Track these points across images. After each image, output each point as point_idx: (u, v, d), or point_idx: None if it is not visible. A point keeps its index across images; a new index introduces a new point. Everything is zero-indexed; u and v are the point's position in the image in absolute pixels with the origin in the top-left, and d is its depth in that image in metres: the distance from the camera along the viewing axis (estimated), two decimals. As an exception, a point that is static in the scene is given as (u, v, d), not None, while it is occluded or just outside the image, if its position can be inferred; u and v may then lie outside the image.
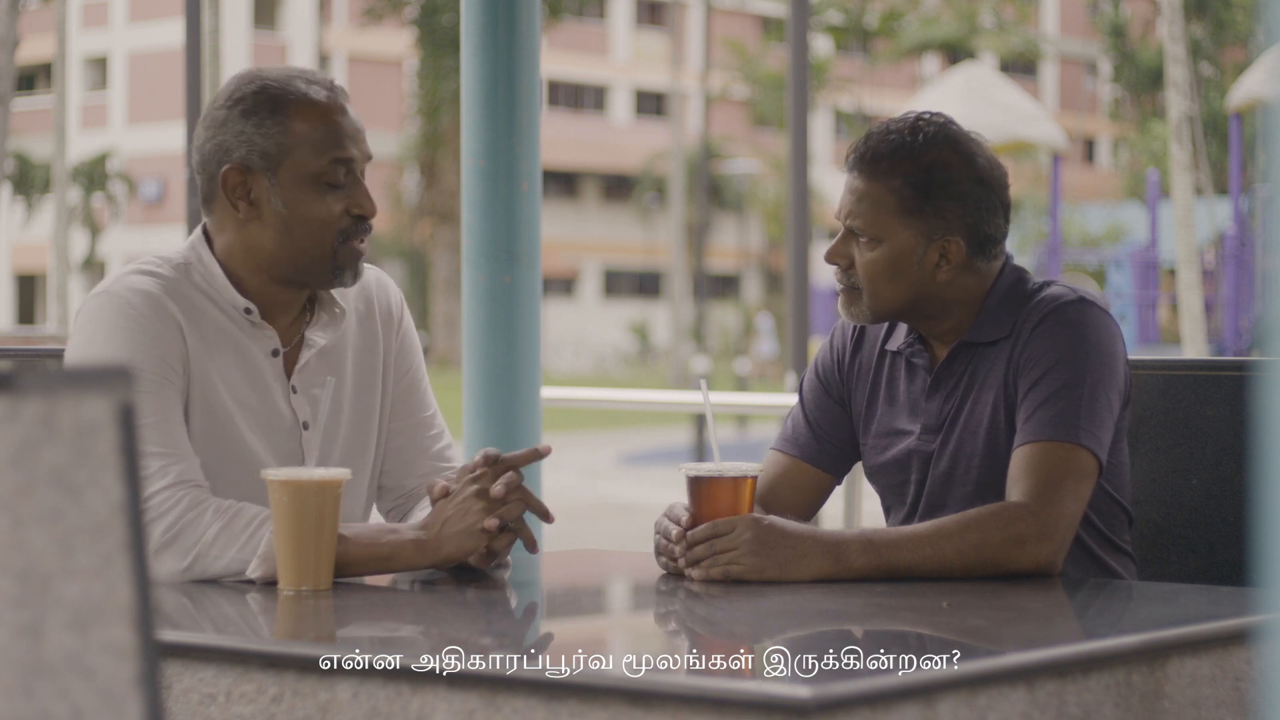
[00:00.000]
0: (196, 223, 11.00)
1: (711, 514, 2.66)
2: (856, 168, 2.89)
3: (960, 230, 2.87)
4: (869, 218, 2.86)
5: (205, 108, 2.80)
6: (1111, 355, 2.83)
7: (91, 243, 42.38)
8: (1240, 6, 35.80)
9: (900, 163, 2.86)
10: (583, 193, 56.18)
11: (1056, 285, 2.90)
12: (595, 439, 23.55)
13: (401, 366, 2.92)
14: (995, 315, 2.89)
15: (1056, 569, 2.72)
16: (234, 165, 2.72)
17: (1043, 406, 2.79)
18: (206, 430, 2.70)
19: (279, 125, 2.71)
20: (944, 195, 2.85)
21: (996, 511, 2.71)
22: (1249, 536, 3.06)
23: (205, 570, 2.58)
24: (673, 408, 10.29)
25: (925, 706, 1.87)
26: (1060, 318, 2.84)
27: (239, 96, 2.73)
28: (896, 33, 43.48)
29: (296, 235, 2.72)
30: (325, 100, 2.73)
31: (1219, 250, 18.01)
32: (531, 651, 2.21)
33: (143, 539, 1.40)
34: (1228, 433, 3.09)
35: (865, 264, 2.87)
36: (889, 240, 2.86)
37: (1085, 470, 2.76)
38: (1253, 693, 2.26)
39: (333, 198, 2.72)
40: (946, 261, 2.87)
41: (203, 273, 2.75)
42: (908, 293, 2.87)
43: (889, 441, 2.97)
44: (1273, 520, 1.31)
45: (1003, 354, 2.88)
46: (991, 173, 2.89)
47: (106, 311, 2.68)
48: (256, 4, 49.88)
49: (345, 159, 2.73)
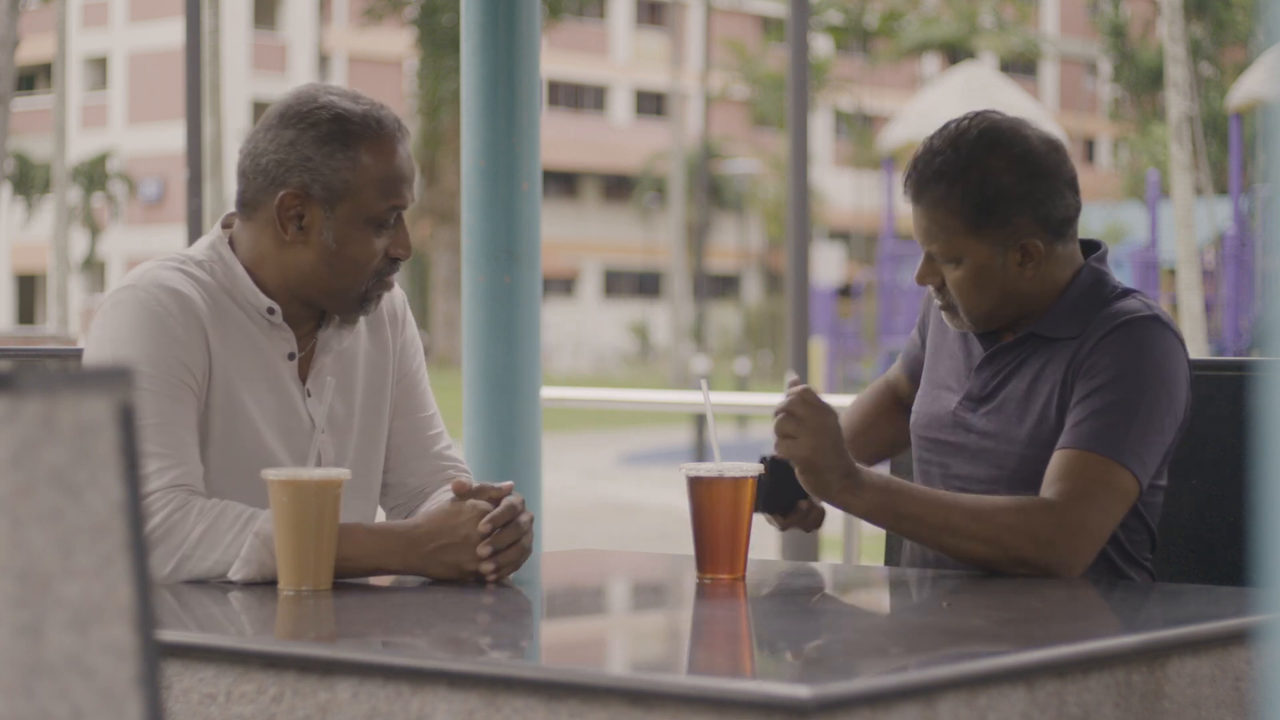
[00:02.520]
0: (196, 223, 10.93)
1: (711, 514, 2.66)
2: (914, 199, 2.90)
3: (1031, 229, 2.86)
4: (941, 242, 2.87)
5: (269, 113, 2.77)
6: (1174, 380, 2.81)
7: (91, 243, 42.39)
8: (1240, 6, 35.80)
9: (952, 185, 2.85)
10: (583, 193, 56.17)
11: (1135, 297, 2.88)
12: (595, 439, 23.55)
13: (403, 367, 2.93)
14: (1068, 313, 2.88)
15: (1070, 575, 2.71)
16: (294, 190, 2.71)
17: (1094, 416, 2.77)
18: (226, 431, 2.71)
19: (349, 162, 2.70)
20: (1003, 203, 2.84)
21: (1022, 501, 2.71)
22: (1249, 536, 3.06)
23: (190, 572, 2.57)
24: (673, 408, 10.29)
25: (925, 706, 1.87)
26: (1130, 332, 2.82)
27: (313, 121, 2.71)
28: (896, 33, 43.48)
29: (338, 269, 2.73)
30: (394, 145, 2.73)
31: (1219, 250, 18.00)
32: (531, 651, 2.21)
33: (143, 539, 1.40)
34: (1228, 433, 3.09)
35: (953, 283, 2.89)
36: (968, 257, 2.86)
37: (1122, 489, 2.75)
38: (1253, 693, 2.26)
39: (379, 238, 2.73)
40: (1030, 259, 2.87)
41: (225, 272, 2.76)
42: (1000, 297, 2.88)
43: (936, 394, 2.99)
44: (1273, 520, 1.31)
45: (1066, 353, 2.86)
46: (1046, 158, 2.87)
47: (133, 308, 2.67)
48: (256, 4, 49.89)
49: (402, 205, 2.74)
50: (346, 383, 2.84)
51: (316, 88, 2.77)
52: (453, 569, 2.59)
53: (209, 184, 12.78)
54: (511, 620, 2.48)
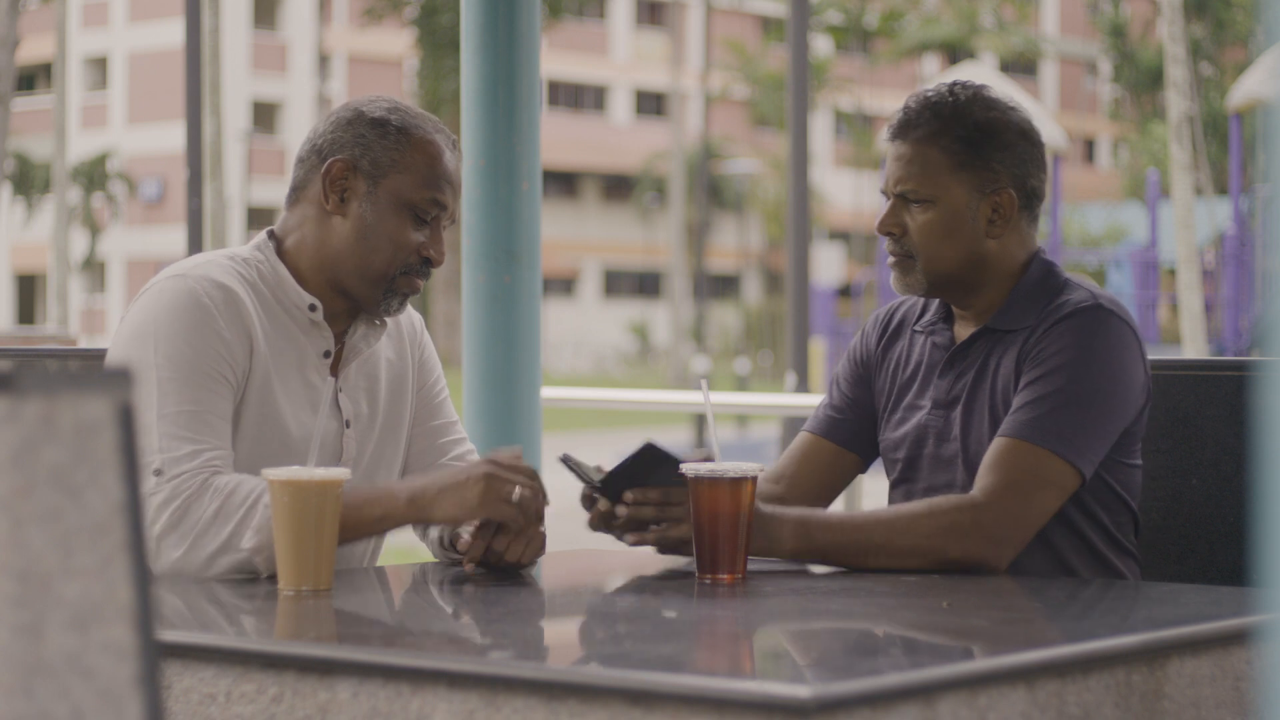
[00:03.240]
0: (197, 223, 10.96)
1: (711, 514, 2.65)
2: (901, 135, 2.92)
3: (1010, 182, 2.90)
4: (921, 179, 2.89)
5: (334, 109, 2.93)
6: (1120, 367, 2.83)
7: (91, 243, 42.40)
8: (1240, 6, 35.79)
9: (947, 121, 2.89)
10: (583, 193, 56.16)
11: (1083, 288, 2.90)
12: (595, 439, 23.55)
13: (422, 379, 3.04)
14: (1021, 304, 2.91)
15: (998, 568, 2.72)
16: (344, 160, 2.83)
17: (1030, 406, 2.80)
18: (260, 424, 2.78)
19: (400, 145, 2.84)
20: (993, 147, 2.89)
21: (937, 503, 2.74)
22: (1249, 536, 3.06)
23: (206, 548, 2.63)
24: (673, 408, 10.28)
25: (925, 706, 1.87)
26: (1073, 322, 2.84)
27: (374, 112, 2.86)
28: (896, 33, 43.47)
29: (370, 246, 2.83)
30: (443, 147, 2.86)
31: (1219, 250, 18.01)
32: (531, 651, 2.21)
33: (143, 539, 1.40)
34: (1228, 433, 3.09)
35: (920, 227, 2.89)
36: (943, 198, 2.89)
37: (1055, 480, 2.76)
38: (1253, 693, 2.26)
39: (414, 231, 2.84)
40: (1000, 216, 2.90)
41: (269, 271, 2.85)
42: (963, 253, 2.89)
43: (905, 415, 3.00)
44: (1273, 520, 1.32)
45: (1018, 345, 2.89)
46: (1033, 128, 2.94)
47: (181, 296, 2.74)
48: (256, 4, 49.89)
49: (441, 203, 2.85)
50: (371, 386, 2.94)
51: (386, 96, 2.93)
52: (456, 505, 2.66)
53: (209, 184, 12.77)
54: (511, 620, 2.48)
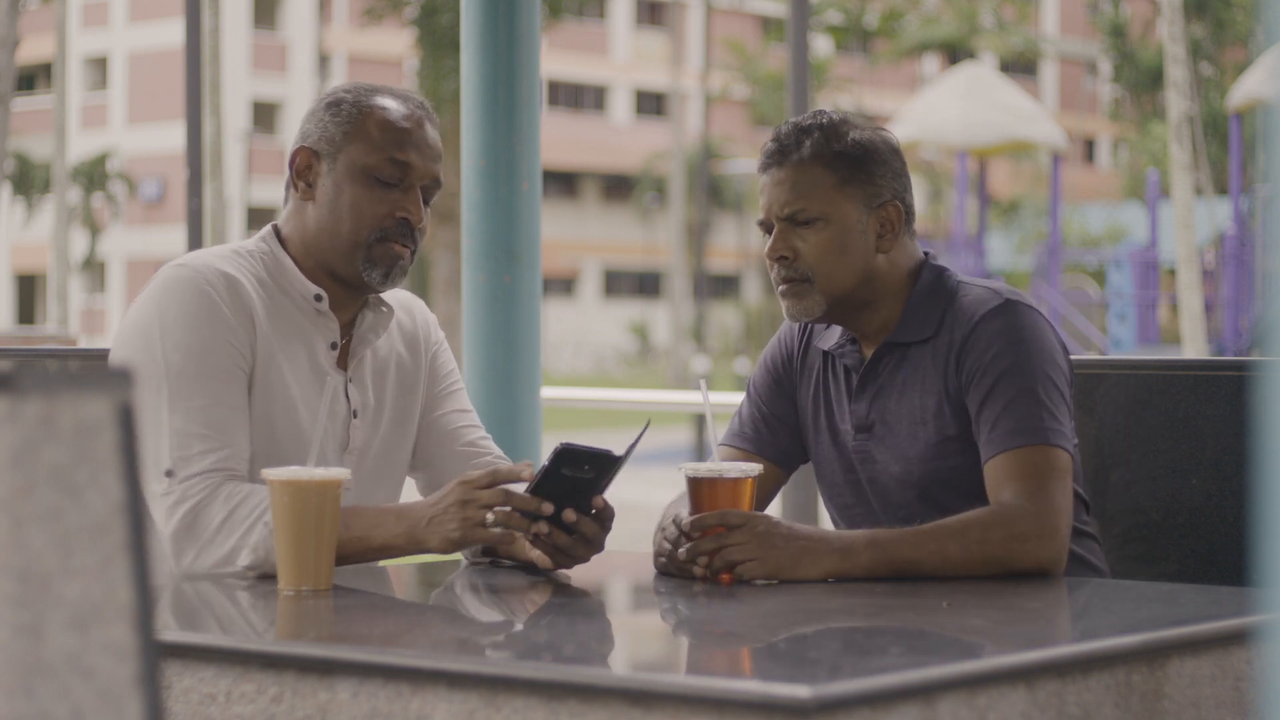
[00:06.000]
0: (197, 223, 10.98)
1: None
2: (780, 160, 2.93)
3: (893, 195, 2.93)
4: (810, 198, 2.90)
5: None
6: (1052, 350, 2.87)
7: (91, 243, 42.38)
8: (1240, 6, 35.79)
9: (825, 141, 2.92)
10: (583, 193, 56.16)
11: (978, 286, 2.93)
12: (595, 439, 23.55)
13: (434, 374, 3.03)
14: (919, 314, 2.93)
15: (1060, 567, 2.73)
16: (306, 147, 2.87)
17: (1004, 415, 2.81)
18: (267, 414, 2.79)
19: (353, 120, 2.85)
20: (873, 162, 2.93)
21: (995, 511, 2.73)
22: (1249, 536, 3.06)
23: (211, 556, 2.64)
24: (673, 408, 10.29)
25: (925, 706, 1.87)
26: (994, 325, 2.86)
27: (332, 96, 2.89)
28: (896, 33, 43.45)
29: (335, 218, 2.84)
30: (404, 110, 2.86)
31: (1219, 250, 18.01)
32: (532, 651, 2.21)
33: (143, 539, 1.40)
34: (1228, 433, 3.09)
35: (813, 247, 2.90)
36: (834, 215, 2.90)
37: (1064, 467, 2.80)
38: (1253, 693, 2.26)
39: (380, 194, 2.84)
40: (888, 230, 2.92)
41: (273, 263, 2.86)
42: (859, 269, 2.90)
43: (829, 438, 3.01)
44: (1273, 520, 1.32)
45: (931, 354, 2.90)
46: (898, 148, 2.99)
47: (186, 287, 2.76)
48: (256, 4, 49.88)
49: (402, 161, 2.84)
50: (380, 378, 2.95)
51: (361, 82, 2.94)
52: (445, 541, 2.65)
53: (209, 184, 12.77)
54: (511, 620, 2.48)
